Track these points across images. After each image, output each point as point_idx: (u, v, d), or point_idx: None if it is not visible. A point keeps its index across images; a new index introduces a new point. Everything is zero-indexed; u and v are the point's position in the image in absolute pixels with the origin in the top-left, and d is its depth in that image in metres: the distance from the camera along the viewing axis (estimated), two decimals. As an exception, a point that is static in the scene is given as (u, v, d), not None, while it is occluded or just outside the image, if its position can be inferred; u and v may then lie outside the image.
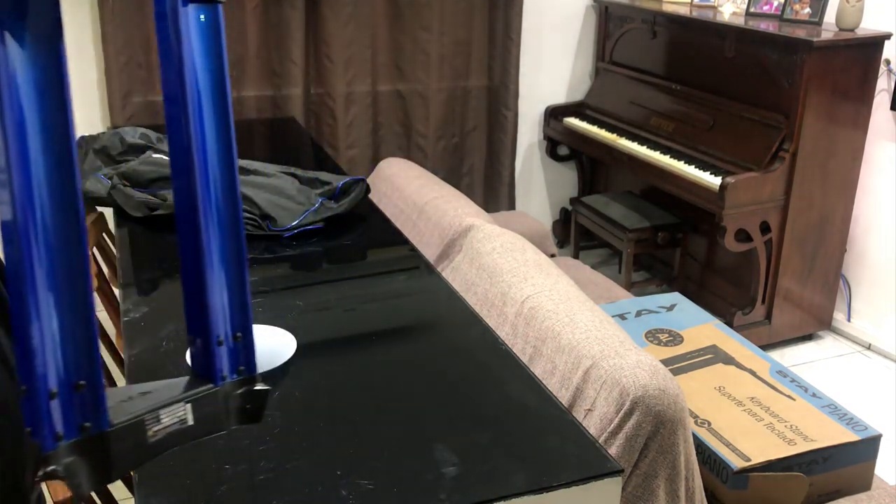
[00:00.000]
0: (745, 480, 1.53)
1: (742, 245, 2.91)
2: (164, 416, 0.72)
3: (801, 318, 3.13)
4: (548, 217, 3.97)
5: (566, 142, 3.73)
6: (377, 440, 1.07)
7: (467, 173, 3.67)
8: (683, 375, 1.81)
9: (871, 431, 1.64)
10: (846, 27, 2.86)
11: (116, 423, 0.68)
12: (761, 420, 1.66)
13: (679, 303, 2.15)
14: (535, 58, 3.65)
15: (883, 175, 3.05)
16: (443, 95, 3.47)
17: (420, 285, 1.61)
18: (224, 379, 0.78)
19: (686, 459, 1.31)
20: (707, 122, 3.08)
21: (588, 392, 1.33)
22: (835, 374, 3.02)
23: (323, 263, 1.68)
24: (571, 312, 1.47)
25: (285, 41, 3.14)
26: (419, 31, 3.35)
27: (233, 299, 0.78)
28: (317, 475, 1.00)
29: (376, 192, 2.22)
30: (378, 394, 1.18)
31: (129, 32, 2.96)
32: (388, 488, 0.98)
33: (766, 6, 3.14)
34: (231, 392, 0.78)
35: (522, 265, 1.66)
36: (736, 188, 2.76)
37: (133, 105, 3.04)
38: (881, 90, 2.96)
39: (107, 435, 0.67)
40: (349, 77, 3.29)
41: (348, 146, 3.37)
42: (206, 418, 0.76)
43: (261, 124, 3.13)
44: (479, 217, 1.97)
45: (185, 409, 0.74)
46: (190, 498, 0.96)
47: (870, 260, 3.16)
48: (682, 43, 3.30)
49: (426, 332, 1.41)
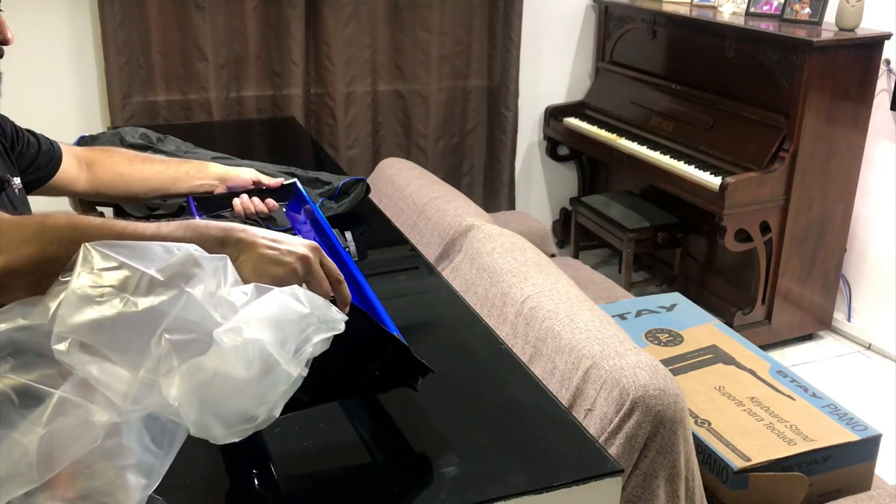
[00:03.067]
0: (745, 480, 1.53)
1: (742, 245, 2.91)
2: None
3: (801, 318, 3.13)
4: (548, 217, 3.97)
5: (566, 142, 3.73)
6: (377, 440, 1.07)
7: (467, 173, 3.67)
8: (683, 375, 1.81)
9: (871, 431, 1.64)
10: (846, 27, 2.86)
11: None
12: (761, 420, 1.66)
13: (679, 303, 2.15)
14: (535, 58, 3.65)
15: (883, 175, 3.05)
16: (443, 95, 3.47)
17: (420, 285, 1.61)
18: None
19: (686, 459, 1.31)
20: (707, 122, 3.08)
21: (588, 392, 1.33)
22: (835, 374, 3.02)
23: (323, 263, 1.68)
24: (571, 312, 1.47)
25: (285, 41, 3.14)
26: (419, 31, 3.35)
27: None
28: (316, 475, 1.00)
29: (376, 192, 2.22)
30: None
31: (129, 32, 2.96)
32: (388, 488, 0.98)
33: (766, 6, 3.14)
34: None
35: (522, 265, 1.66)
36: (736, 188, 2.76)
37: (133, 105, 3.04)
38: (881, 90, 2.96)
39: None
40: (349, 77, 3.29)
41: (348, 146, 3.37)
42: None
43: (261, 124, 3.13)
44: (479, 217, 1.97)
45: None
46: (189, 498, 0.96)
47: (870, 260, 3.16)
48: (681, 43, 3.30)
49: (426, 332, 1.41)
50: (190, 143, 2.19)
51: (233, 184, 1.73)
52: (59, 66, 2.98)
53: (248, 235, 0.92)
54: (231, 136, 2.87)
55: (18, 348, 0.77)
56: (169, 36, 3.04)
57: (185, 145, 2.15)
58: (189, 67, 3.08)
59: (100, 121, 3.08)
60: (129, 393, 0.75)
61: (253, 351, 0.77)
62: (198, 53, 3.06)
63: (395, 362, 1.04)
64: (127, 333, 0.76)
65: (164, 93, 3.09)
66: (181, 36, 3.04)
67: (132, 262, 0.78)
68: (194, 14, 3.01)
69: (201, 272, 0.81)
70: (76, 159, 1.64)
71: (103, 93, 3.02)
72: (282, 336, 0.79)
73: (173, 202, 1.85)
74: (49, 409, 0.75)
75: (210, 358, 0.76)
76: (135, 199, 1.77)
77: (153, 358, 0.76)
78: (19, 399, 0.75)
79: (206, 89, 3.10)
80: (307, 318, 0.82)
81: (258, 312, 0.79)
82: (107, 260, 0.78)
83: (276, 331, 0.79)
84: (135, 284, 0.77)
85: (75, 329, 0.75)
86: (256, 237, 0.92)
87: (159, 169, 1.70)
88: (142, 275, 0.78)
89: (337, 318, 0.86)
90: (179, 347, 0.76)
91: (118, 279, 0.77)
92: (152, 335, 0.76)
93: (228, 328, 0.77)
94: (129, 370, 0.76)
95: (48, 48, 2.93)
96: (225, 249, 0.90)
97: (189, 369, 0.76)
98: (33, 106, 2.91)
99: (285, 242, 0.93)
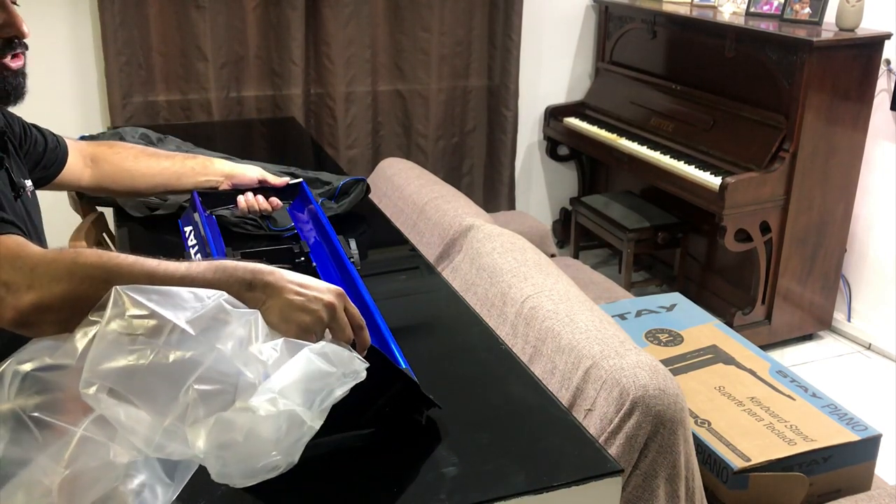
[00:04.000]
0: (745, 480, 1.53)
1: (742, 245, 2.91)
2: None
3: (801, 318, 3.13)
4: (548, 217, 3.97)
5: (566, 142, 3.73)
6: (376, 439, 1.07)
7: (467, 173, 3.67)
8: (683, 375, 1.81)
9: (871, 431, 1.64)
10: (846, 27, 2.86)
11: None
12: (761, 420, 1.66)
13: (679, 303, 2.15)
14: (535, 58, 3.65)
15: (883, 175, 3.05)
16: (443, 95, 3.47)
17: (420, 285, 1.61)
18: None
19: (686, 459, 1.31)
20: (707, 122, 3.08)
21: (588, 392, 1.33)
22: (835, 374, 3.02)
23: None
24: (571, 312, 1.47)
25: (285, 41, 3.14)
26: (419, 31, 3.35)
27: None
28: (315, 474, 1.00)
29: (376, 192, 2.22)
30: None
31: (129, 33, 2.96)
32: (388, 488, 0.98)
33: (766, 6, 3.14)
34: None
35: (522, 265, 1.66)
36: (736, 188, 2.76)
37: (133, 105, 3.04)
38: (881, 90, 2.96)
39: None
40: (349, 77, 3.29)
41: (348, 146, 3.37)
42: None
43: (261, 124, 3.13)
44: (479, 217, 1.97)
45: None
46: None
47: (870, 260, 3.16)
48: (682, 43, 3.30)
49: (426, 332, 1.41)
50: (190, 143, 2.19)
51: (238, 181, 1.73)
52: (60, 67, 2.98)
53: (277, 279, 0.92)
54: (231, 136, 2.87)
55: (45, 387, 0.78)
56: (169, 36, 3.03)
57: (185, 145, 2.15)
58: (189, 67, 3.08)
59: (100, 121, 3.08)
60: (152, 439, 0.77)
61: (285, 417, 0.79)
62: (198, 53, 3.06)
63: (404, 396, 1.06)
64: (155, 382, 0.77)
65: (164, 93, 3.09)
66: (181, 36, 3.04)
67: (163, 311, 0.79)
68: (194, 14, 3.01)
69: (232, 323, 0.82)
70: (81, 155, 1.63)
71: (103, 93, 3.02)
72: (310, 398, 0.81)
73: (173, 202, 1.85)
74: (71, 447, 0.76)
75: (242, 417, 0.77)
76: (138, 194, 1.77)
77: (180, 407, 0.77)
78: (42, 436, 0.76)
79: (206, 89, 3.10)
80: (333, 374, 0.84)
81: (290, 377, 0.81)
82: (138, 307, 0.79)
83: (305, 394, 0.81)
84: (166, 334, 0.78)
85: (105, 375, 0.76)
86: (284, 282, 0.93)
87: (164, 165, 1.70)
88: (173, 326, 0.79)
89: (359, 370, 0.88)
90: (207, 398, 0.78)
91: (149, 327, 0.78)
92: (181, 386, 0.77)
93: (266, 399, 0.78)
94: (155, 417, 0.77)
95: (48, 48, 2.93)
96: (253, 293, 0.91)
97: (218, 425, 0.77)
98: (33, 106, 2.89)
99: (313, 288, 0.94)
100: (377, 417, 1.06)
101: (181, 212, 1.81)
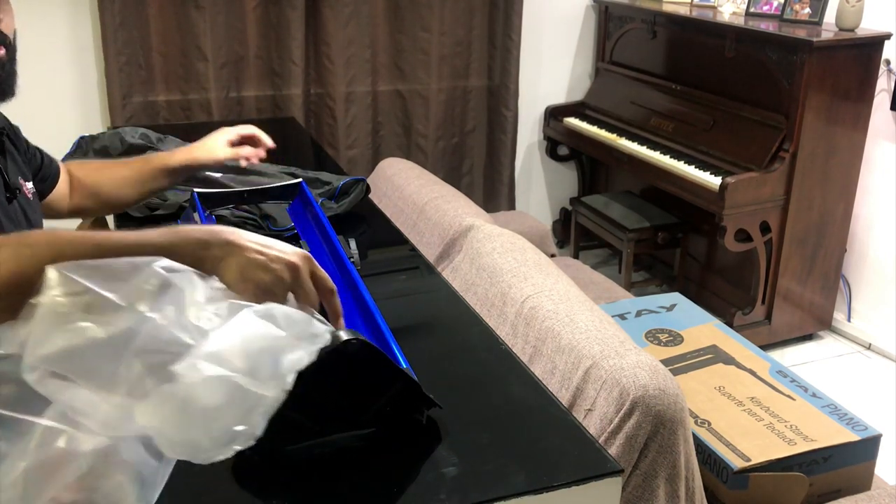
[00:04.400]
0: (745, 480, 1.53)
1: (742, 245, 2.91)
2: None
3: (801, 318, 3.13)
4: (548, 217, 3.97)
5: (566, 142, 3.73)
6: (376, 439, 1.07)
7: (467, 173, 3.67)
8: (683, 375, 1.81)
9: (871, 431, 1.64)
10: (846, 27, 2.86)
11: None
12: (761, 420, 1.66)
13: (679, 303, 2.15)
14: (535, 58, 3.65)
15: (883, 175, 3.05)
16: (443, 95, 3.47)
17: (420, 285, 1.61)
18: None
19: (686, 459, 1.31)
20: (707, 122, 3.08)
21: (588, 392, 1.33)
22: (835, 374, 3.02)
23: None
24: (571, 312, 1.47)
25: (285, 41, 3.14)
26: (419, 31, 3.35)
27: None
28: (315, 474, 1.00)
29: (376, 192, 2.22)
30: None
31: (129, 33, 2.96)
32: (388, 488, 0.98)
33: (766, 6, 3.14)
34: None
35: (522, 265, 1.66)
36: (736, 188, 2.76)
37: (133, 105, 3.04)
38: (881, 90, 2.96)
39: None
40: (349, 77, 3.29)
41: (348, 146, 3.37)
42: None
43: (261, 124, 3.10)
44: (479, 217, 1.97)
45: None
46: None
47: (870, 260, 3.16)
48: (681, 43, 3.30)
49: (426, 332, 1.41)
50: (190, 143, 2.19)
51: (204, 163, 1.68)
52: (59, 67, 2.98)
53: (237, 238, 0.88)
54: (231, 136, 2.87)
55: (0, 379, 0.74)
56: (169, 36, 3.04)
57: (185, 146, 2.15)
58: (189, 67, 3.08)
59: (100, 121, 3.08)
60: (107, 420, 0.73)
61: (215, 384, 0.74)
62: (198, 53, 3.06)
63: (404, 395, 1.05)
64: (96, 360, 0.73)
65: (164, 93, 3.10)
66: (181, 36, 3.04)
67: (93, 285, 0.75)
68: (194, 14, 3.02)
69: (168, 290, 0.77)
70: (66, 178, 1.59)
71: (103, 93, 3.02)
72: (255, 363, 0.76)
73: (173, 202, 1.85)
74: (34, 440, 0.73)
75: (175, 388, 0.74)
76: (113, 209, 1.71)
77: (125, 382, 0.74)
78: (3, 430, 0.73)
79: (206, 89, 3.10)
80: (281, 339, 0.79)
81: (224, 342, 0.76)
82: (69, 284, 0.75)
83: (246, 359, 0.76)
84: (98, 308, 0.74)
85: (44, 359, 0.72)
86: (245, 240, 0.88)
87: (123, 174, 1.64)
88: (104, 299, 0.74)
89: (319, 332, 0.82)
90: (153, 371, 0.74)
91: (81, 303, 0.74)
92: (121, 360, 0.74)
93: (187, 365, 0.74)
94: (104, 397, 0.73)
95: (48, 48, 2.93)
96: (210, 251, 0.86)
97: (156, 398, 0.73)
98: (33, 106, 2.89)
99: (275, 249, 0.89)
100: (377, 417, 1.06)
101: (181, 212, 1.81)
